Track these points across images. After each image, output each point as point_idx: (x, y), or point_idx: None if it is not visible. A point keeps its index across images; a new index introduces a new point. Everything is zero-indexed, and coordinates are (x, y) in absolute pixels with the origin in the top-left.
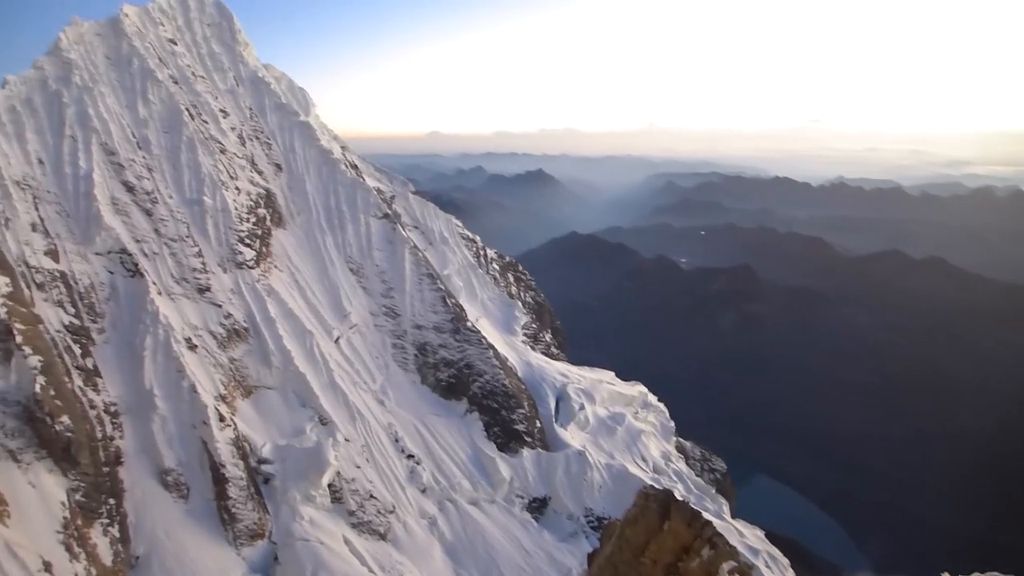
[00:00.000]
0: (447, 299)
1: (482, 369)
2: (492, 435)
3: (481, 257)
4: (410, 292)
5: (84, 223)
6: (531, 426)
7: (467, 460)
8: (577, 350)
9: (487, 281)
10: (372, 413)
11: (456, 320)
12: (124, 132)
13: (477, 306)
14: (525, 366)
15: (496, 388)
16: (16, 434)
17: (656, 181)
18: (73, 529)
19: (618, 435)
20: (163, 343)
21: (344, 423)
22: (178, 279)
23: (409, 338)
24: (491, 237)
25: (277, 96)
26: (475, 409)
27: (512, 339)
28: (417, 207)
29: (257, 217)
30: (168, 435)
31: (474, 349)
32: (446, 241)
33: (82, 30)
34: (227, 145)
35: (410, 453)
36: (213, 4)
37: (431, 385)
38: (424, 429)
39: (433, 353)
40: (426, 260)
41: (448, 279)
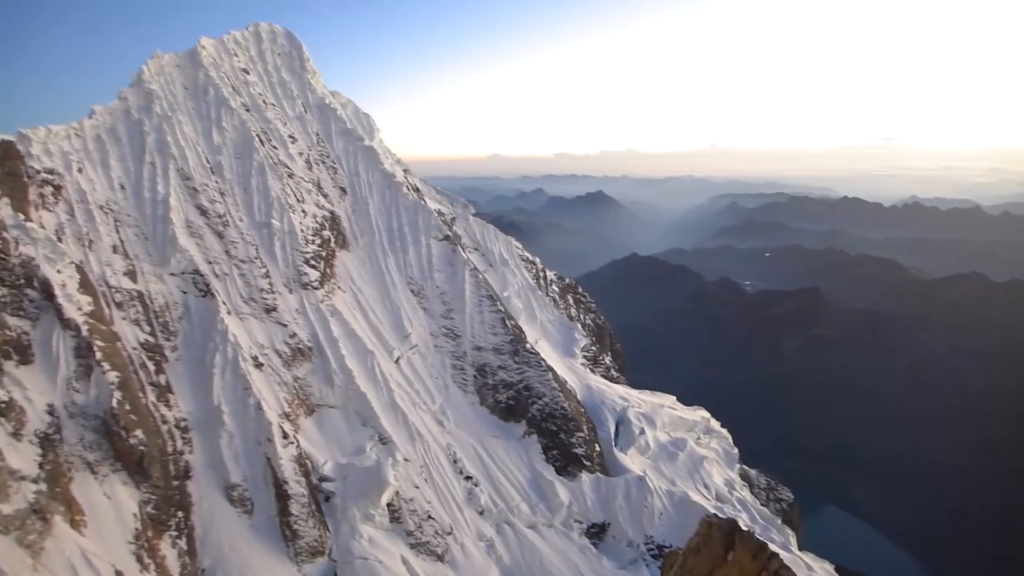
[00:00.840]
0: (506, 321)
1: (541, 391)
2: (551, 458)
3: (541, 279)
4: (470, 313)
5: (160, 245)
6: (590, 450)
7: (525, 483)
8: (637, 373)
9: (547, 303)
10: (431, 433)
11: (515, 342)
12: (199, 158)
13: (536, 328)
14: (584, 389)
15: (555, 411)
16: (94, 447)
17: (719, 202)
18: (144, 540)
19: (680, 461)
20: (231, 361)
21: (404, 443)
22: (246, 299)
23: (468, 359)
24: (551, 259)
25: (343, 122)
26: (534, 432)
27: (571, 361)
28: (477, 229)
29: (322, 239)
30: (234, 451)
31: (533, 371)
32: (506, 263)
33: (163, 62)
34: (295, 169)
35: (468, 474)
36: (284, 34)
37: (490, 407)
38: (482, 451)
39: (492, 375)
40: (486, 282)
41: (508, 301)
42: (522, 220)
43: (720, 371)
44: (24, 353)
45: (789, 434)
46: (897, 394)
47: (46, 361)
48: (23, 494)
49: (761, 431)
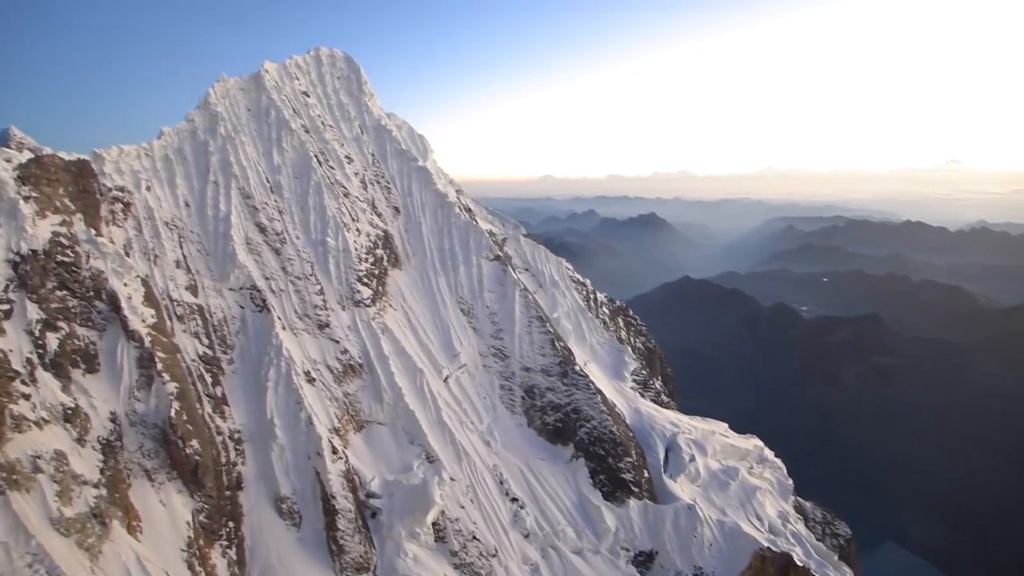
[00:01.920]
0: (556, 342)
1: (589, 414)
2: (598, 483)
3: (591, 301)
4: (519, 334)
5: (221, 261)
6: (639, 476)
7: (572, 507)
8: (688, 399)
9: (597, 325)
10: (478, 454)
11: (564, 364)
12: (260, 177)
13: (586, 350)
14: (634, 413)
15: (603, 434)
16: (152, 455)
17: (775, 225)
18: (196, 549)
19: (731, 490)
20: (284, 375)
21: (450, 462)
22: (301, 315)
23: (517, 380)
24: (602, 281)
25: (398, 143)
26: (581, 455)
27: (621, 385)
28: (528, 250)
29: (375, 257)
30: (285, 464)
31: (582, 394)
32: (556, 284)
33: (228, 85)
34: (350, 189)
35: (514, 496)
36: (343, 58)
37: (537, 428)
38: (529, 473)
39: (540, 396)
40: (536, 302)
41: (557, 322)
42: (573, 241)
43: (774, 398)
44: (91, 362)
45: (847, 466)
46: (962, 427)
47: (110, 370)
48: (84, 498)
49: (817, 462)
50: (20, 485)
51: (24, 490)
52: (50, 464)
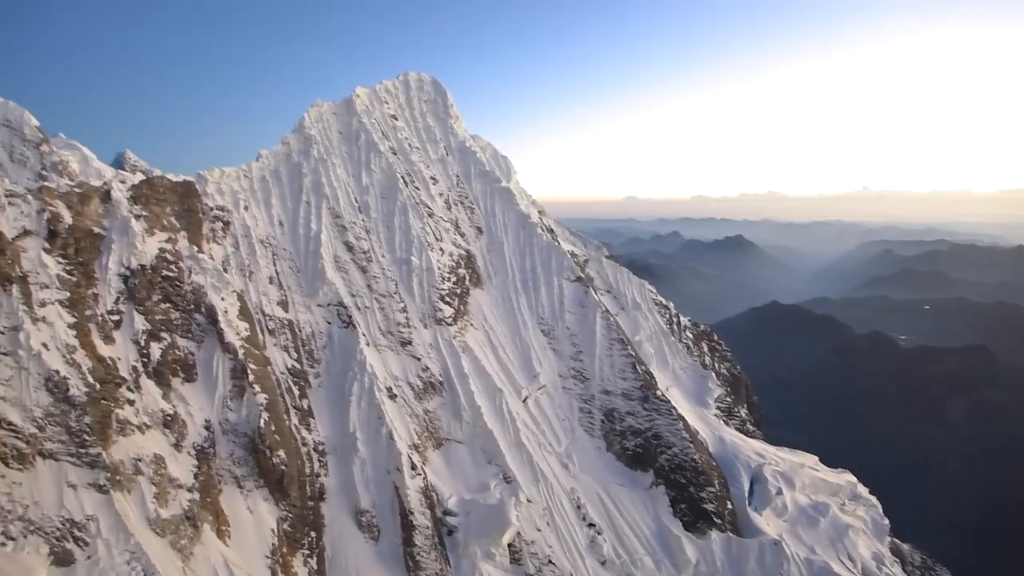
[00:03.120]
0: (637, 366)
1: (671, 441)
2: (678, 512)
3: (674, 324)
4: (600, 356)
5: (310, 278)
6: (721, 507)
7: (650, 536)
8: (776, 429)
9: (680, 349)
10: (556, 476)
11: (646, 388)
12: (349, 198)
13: (668, 375)
14: (717, 441)
15: (685, 462)
16: (241, 463)
17: (871, 249)
18: (279, 556)
19: (821, 527)
20: (367, 390)
21: (527, 483)
22: (384, 332)
23: (596, 403)
24: (686, 304)
25: (482, 164)
26: (661, 482)
27: (704, 412)
28: (610, 271)
29: (457, 277)
30: (366, 477)
31: (663, 419)
32: (638, 306)
33: (322, 110)
34: (435, 209)
35: (592, 522)
36: (430, 82)
37: (616, 453)
38: (607, 498)
39: (620, 420)
40: (617, 325)
41: (639, 345)
42: (656, 263)
43: (869, 432)
44: (189, 371)
45: (950, 508)
46: None
47: (206, 380)
48: (179, 501)
49: (917, 502)
50: (122, 486)
51: (126, 491)
52: (150, 467)
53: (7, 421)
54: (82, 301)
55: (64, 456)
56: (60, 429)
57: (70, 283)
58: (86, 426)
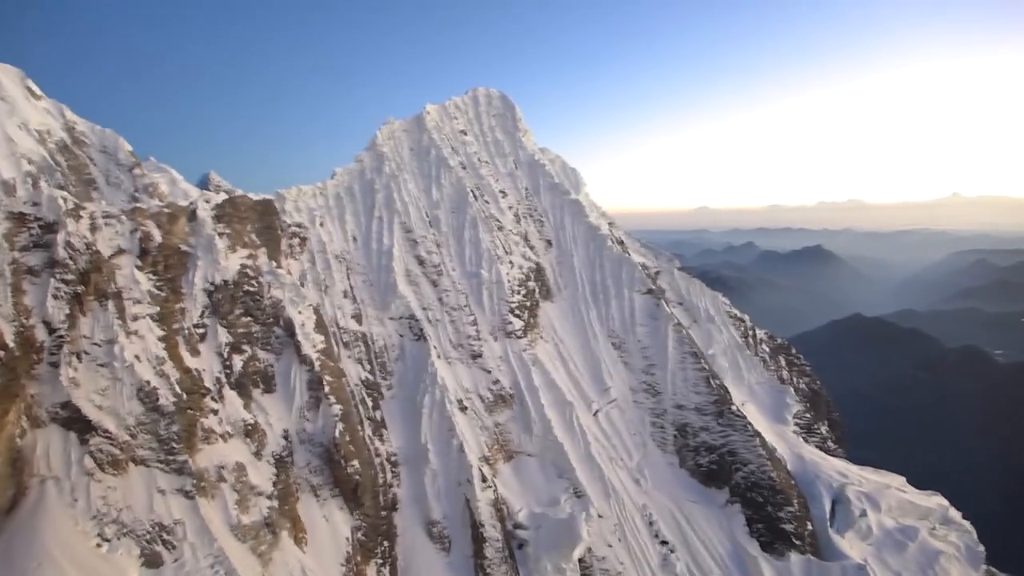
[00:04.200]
0: (711, 380)
1: (747, 458)
2: (755, 531)
3: (750, 337)
4: (672, 370)
5: (383, 291)
6: (801, 527)
7: (725, 556)
8: (859, 448)
9: (756, 363)
10: (627, 491)
11: (720, 403)
12: (420, 212)
13: (743, 390)
14: (796, 459)
15: (762, 480)
16: (317, 472)
17: (962, 259)
18: (353, 564)
19: (909, 553)
20: (439, 402)
21: (598, 498)
22: (455, 344)
23: (669, 417)
24: (762, 317)
25: (551, 177)
26: (737, 500)
27: (782, 428)
28: (682, 283)
29: (527, 290)
30: (437, 489)
31: (739, 436)
32: (712, 319)
33: (393, 127)
34: (504, 223)
35: (664, 539)
36: (499, 97)
37: (690, 469)
38: (680, 515)
39: (694, 436)
40: (690, 338)
41: (713, 359)
42: (730, 275)
43: (961, 453)
44: (268, 383)
45: None
46: None
47: (285, 391)
48: (259, 508)
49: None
50: (207, 492)
51: (210, 497)
52: (232, 474)
53: (103, 429)
54: (170, 315)
55: (154, 462)
56: (150, 437)
57: (159, 298)
58: (174, 434)
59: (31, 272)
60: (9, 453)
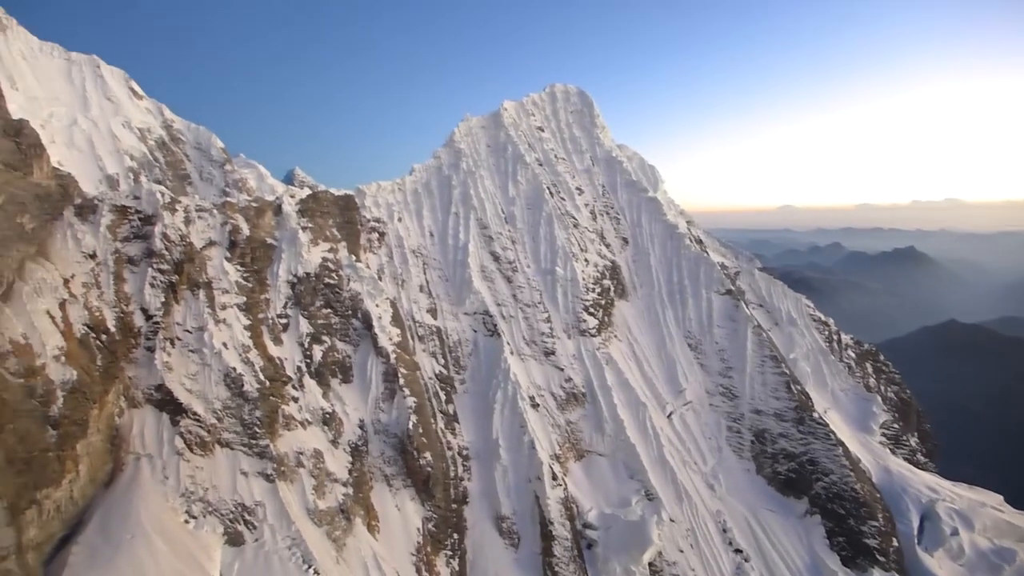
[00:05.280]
0: (792, 385)
1: (828, 467)
2: (835, 545)
3: (834, 342)
4: (751, 374)
5: (458, 287)
6: (885, 543)
7: (803, 568)
8: (952, 462)
9: (840, 369)
10: (700, 496)
11: (801, 409)
12: (496, 209)
13: (827, 396)
14: (882, 471)
15: (844, 492)
16: (391, 462)
17: None
18: (423, 554)
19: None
20: (511, 398)
21: (670, 502)
22: (528, 341)
23: (746, 422)
24: (848, 321)
25: (628, 174)
26: (817, 511)
27: (867, 438)
28: (763, 284)
29: (602, 288)
30: (507, 484)
31: (820, 444)
32: (794, 322)
33: (471, 124)
34: (580, 220)
35: (738, 547)
36: (576, 93)
37: (767, 476)
38: (756, 524)
39: (772, 442)
40: (770, 341)
41: (794, 363)
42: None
43: None
44: (346, 373)
45: None
46: None
47: (361, 382)
48: (335, 494)
49: None
50: (286, 476)
51: (289, 481)
52: (310, 460)
53: (192, 411)
54: (256, 305)
55: (238, 445)
56: (235, 421)
57: (246, 289)
58: (257, 419)
59: (131, 261)
60: (108, 431)
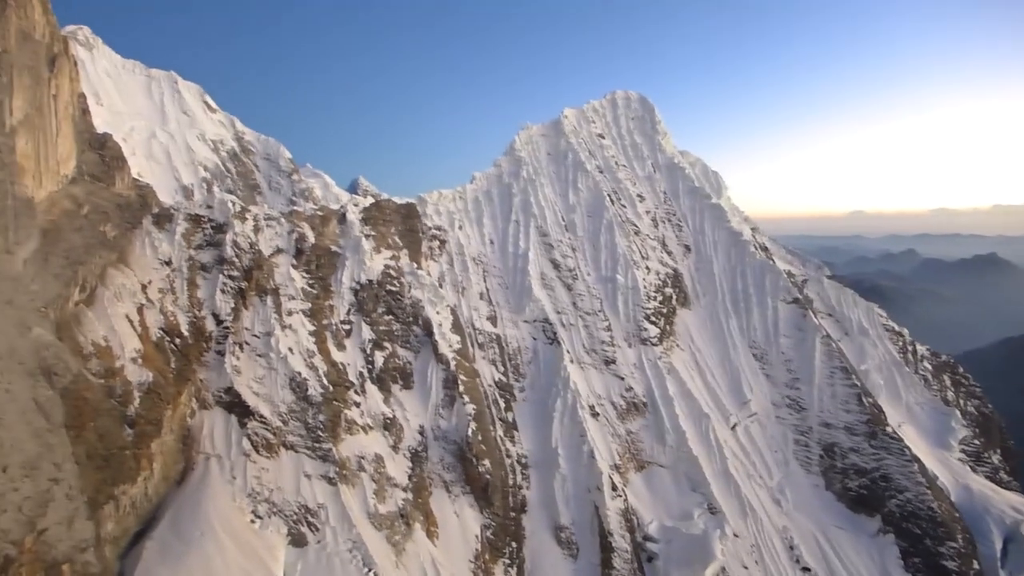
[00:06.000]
0: (863, 397)
1: (903, 484)
2: (910, 566)
3: (909, 353)
4: (819, 385)
5: (518, 294)
6: (966, 566)
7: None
8: None
9: (915, 382)
10: (766, 511)
11: (873, 423)
12: (556, 216)
13: (901, 410)
14: (962, 490)
15: (920, 510)
16: (450, 468)
17: None
18: (482, 562)
19: None
20: (570, 407)
21: (734, 516)
22: (588, 350)
23: (814, 436)
24: (923, 331)
25: (691, 180)
26: (891, 530)
27: (945, 455)
28: (832, 293)
29: (663, 296)
30: (566, 494)
31: (894, 460)
32: (865, 332)
33: (531, 132)
34: (641, 227)
35: (806, 565)
36: (637, 100)
37: (837, 492)
38: (825, 541)
39: (842, 457)
40: (840, 351)
41: (866, 375)
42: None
43: None
44: (407, 379)
45: None
46: None
47: (421, 388)
48: (395, 499)
49: None
50: (348, 480)
51: (350, 484)
52: (371, 465)
53: (259, 414)
54: (320, 311)
55: (302, 448)
56: (300, 424)
57: (311, 295)
58: (320, 423)
59: (203, 268)
60: (181, 431)
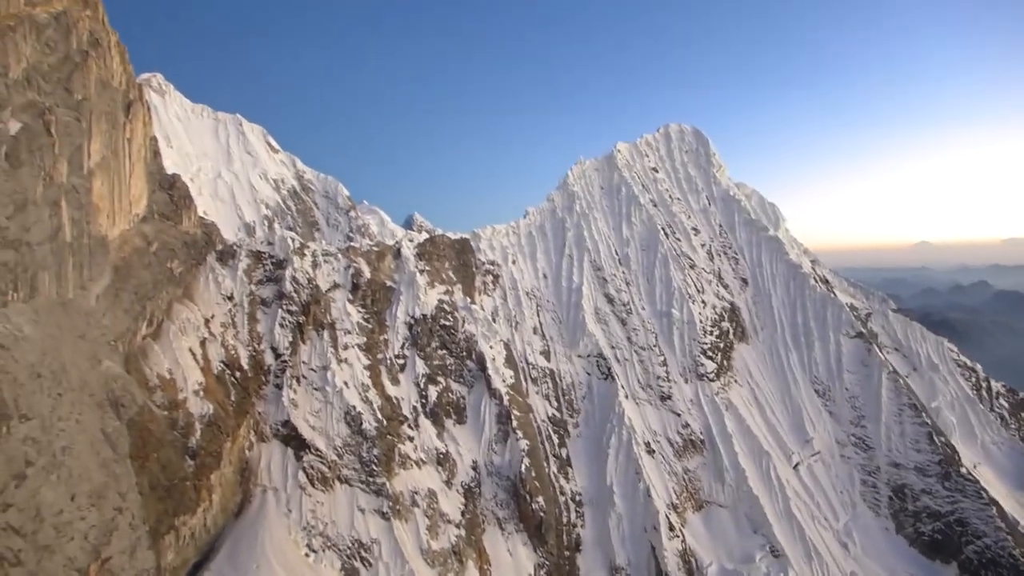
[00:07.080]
0: (935, 436)
1: (981, 529)
2: None
3: (983, 390)
4: (886, 423)
5: (571, 329)
6: None
7: None
8: None
9: (991, 420)
10: (832, 555)
11: (946, 463)
12: (610, 250)
13: (976, 450)
14: None
15: (1001, 557)
16: (503, 505)
17: None
18: None
19: None
20: (625, 444)
21: (799, 560)
22: (643, 385)
23: (883, 476)
24: (999, 367)
25: (747, 212)
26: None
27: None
28: (898, 327)
29: (720, 330)
30: (622, 533)
31: (970, 503)
32: (935, 368)
33: (584, 167)
34: (696, 261)
35: None
36: (691, 132)
37: (909, 537)
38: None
39: (913, 499)
40: (908, 388)
41: (937, 413)
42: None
43: None
44: (460, 414)
45: None
46: None
47: (475, 423)
48: (448, 535)
49: None
50: (401, 515)
51: (403, 520)
52: (424, 500)
53: (315, 447)
54: (375, 346)
55: (356, 482)
56: (354, 458)
57: (366, 329)
58: (374, 457)
59: (263, 303)
60: (239, 463)
